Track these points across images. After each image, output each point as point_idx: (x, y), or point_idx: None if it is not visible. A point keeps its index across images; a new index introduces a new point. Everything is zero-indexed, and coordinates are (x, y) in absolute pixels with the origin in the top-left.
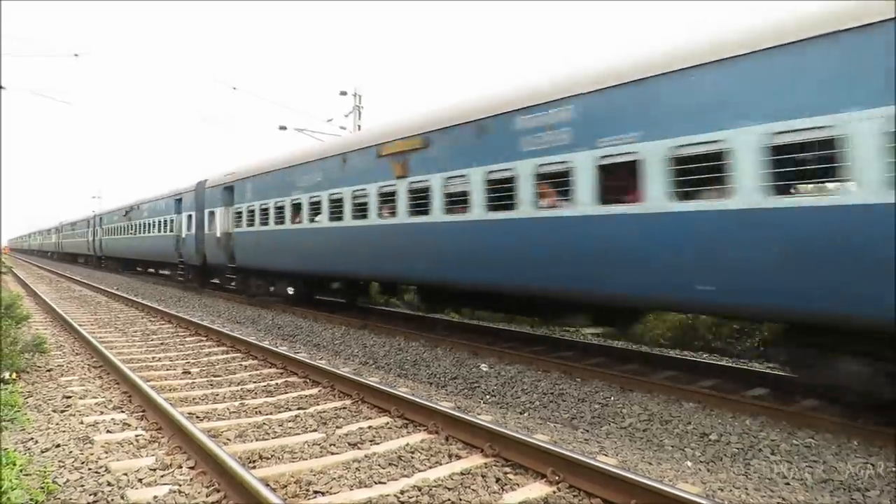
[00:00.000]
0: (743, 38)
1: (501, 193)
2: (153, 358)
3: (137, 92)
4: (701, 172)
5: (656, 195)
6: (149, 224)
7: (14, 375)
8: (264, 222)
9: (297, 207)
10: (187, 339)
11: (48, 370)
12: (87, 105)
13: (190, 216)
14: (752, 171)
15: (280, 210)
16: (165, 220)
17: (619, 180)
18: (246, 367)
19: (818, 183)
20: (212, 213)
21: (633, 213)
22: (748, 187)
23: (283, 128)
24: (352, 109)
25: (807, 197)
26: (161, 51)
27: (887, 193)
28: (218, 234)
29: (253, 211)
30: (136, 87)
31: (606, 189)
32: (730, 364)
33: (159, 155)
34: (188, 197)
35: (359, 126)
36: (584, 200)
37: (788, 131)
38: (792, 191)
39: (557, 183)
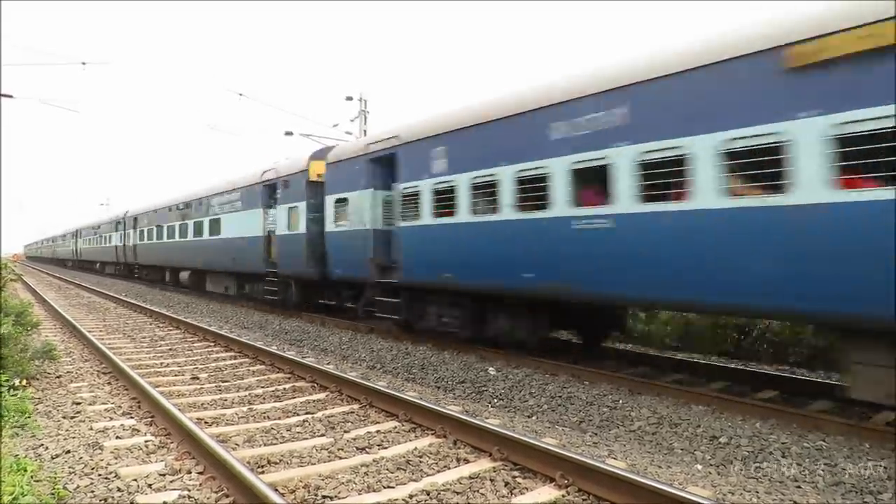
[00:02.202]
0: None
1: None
2: (161, 364)
3: (145, 100)
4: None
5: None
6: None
7: (24, 382)
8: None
9: (159, 229)
10: (195, 344)
11: (58, 376)
12: (95, 113)
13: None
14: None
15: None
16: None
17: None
18: (254, 372)
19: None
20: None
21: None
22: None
23: (289, 133)
24: (357, 114)
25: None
26: (168, 58)
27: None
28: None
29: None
30: (144, 95)
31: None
32: (739, 367)
33: (167, 161)
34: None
35: (364, 131)
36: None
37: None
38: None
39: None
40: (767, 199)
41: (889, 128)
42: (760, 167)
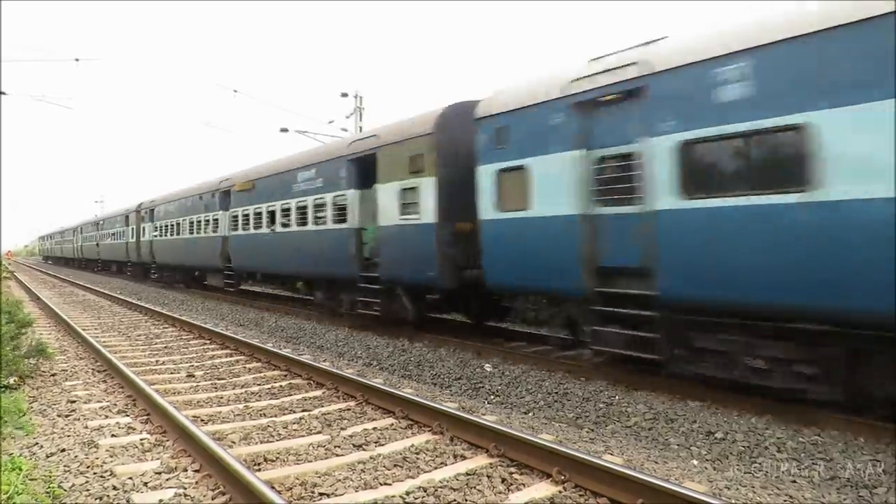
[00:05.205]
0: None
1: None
2: (157, 362)
3: (139, 96)
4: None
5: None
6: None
7: (18, 380)
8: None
9: (180, 225)
10: (191, 342)
11: (52, 375)
12: (89, 110)
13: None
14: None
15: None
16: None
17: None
18: (250, 369)
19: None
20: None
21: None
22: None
23: (284, 130)
24: (353, 111)
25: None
26: (162, 55)
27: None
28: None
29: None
30: (138, 92)
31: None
32: None
33: (162, 158)
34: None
35: (360, 127)
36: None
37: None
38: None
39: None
40: None
41: None
42: None
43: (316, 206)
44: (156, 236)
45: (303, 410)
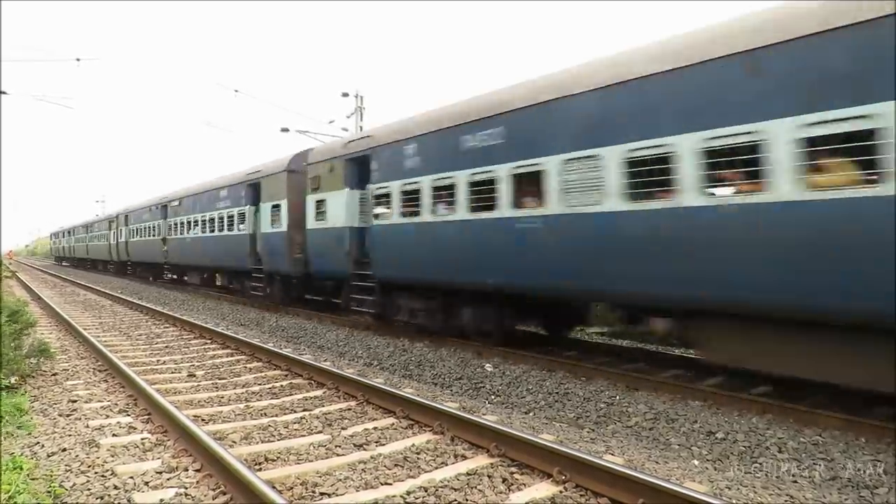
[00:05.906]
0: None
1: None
2: (158, 361)
3: (140, 96)
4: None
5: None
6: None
7: (20, 380)
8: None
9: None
10: (192, 342)
11: (53, 374)
12: (90, 110)
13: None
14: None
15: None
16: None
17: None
18: (251, 369)
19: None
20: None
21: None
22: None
23: (285, 130)
24: (354, 111)
25: None
26: (163, 55)
27: None
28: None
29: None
30: (139, 92)
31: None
32: None
33: (162, 158)
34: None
35: (360, 127)
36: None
37: None
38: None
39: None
40: None
41: None
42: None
43: None
44: (379, 218)
45: (304, 410)
